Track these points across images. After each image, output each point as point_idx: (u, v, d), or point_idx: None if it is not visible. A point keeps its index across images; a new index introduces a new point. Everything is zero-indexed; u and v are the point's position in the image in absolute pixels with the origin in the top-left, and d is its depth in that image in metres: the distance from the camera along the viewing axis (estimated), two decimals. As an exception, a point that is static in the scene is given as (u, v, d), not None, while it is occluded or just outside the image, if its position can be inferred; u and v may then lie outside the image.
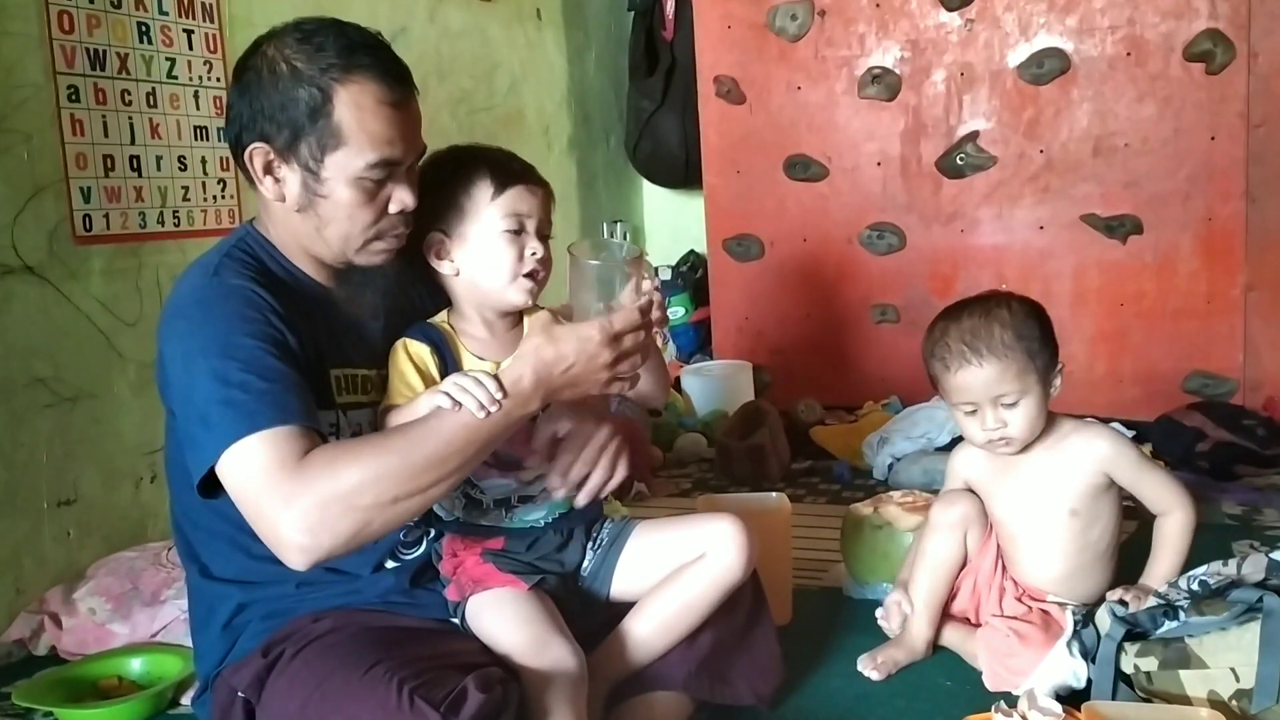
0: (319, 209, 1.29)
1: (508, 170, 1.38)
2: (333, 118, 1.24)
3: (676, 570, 1.41)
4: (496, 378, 1.22)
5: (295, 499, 1.12)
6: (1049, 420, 1.62)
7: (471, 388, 1.19)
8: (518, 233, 1.36)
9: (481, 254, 1.36)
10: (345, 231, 1.30)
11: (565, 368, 1.24)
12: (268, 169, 1.28)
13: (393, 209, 1.31)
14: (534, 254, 1.36)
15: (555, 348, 1.24)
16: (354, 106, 1.24)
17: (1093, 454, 1.60)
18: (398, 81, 1.28)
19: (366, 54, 1.26)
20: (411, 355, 1.35)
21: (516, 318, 1.43)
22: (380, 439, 1.21)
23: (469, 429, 1.19)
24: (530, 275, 1.36)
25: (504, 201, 1.35)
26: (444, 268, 1.39)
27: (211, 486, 1.19)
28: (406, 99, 1.29)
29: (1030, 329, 1.58)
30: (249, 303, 1.23)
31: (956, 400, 1.61)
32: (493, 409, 1.19)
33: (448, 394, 1.20)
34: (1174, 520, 1.60)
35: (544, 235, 1.39)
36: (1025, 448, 1.62)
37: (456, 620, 1.39)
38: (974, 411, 1.59)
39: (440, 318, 1.42)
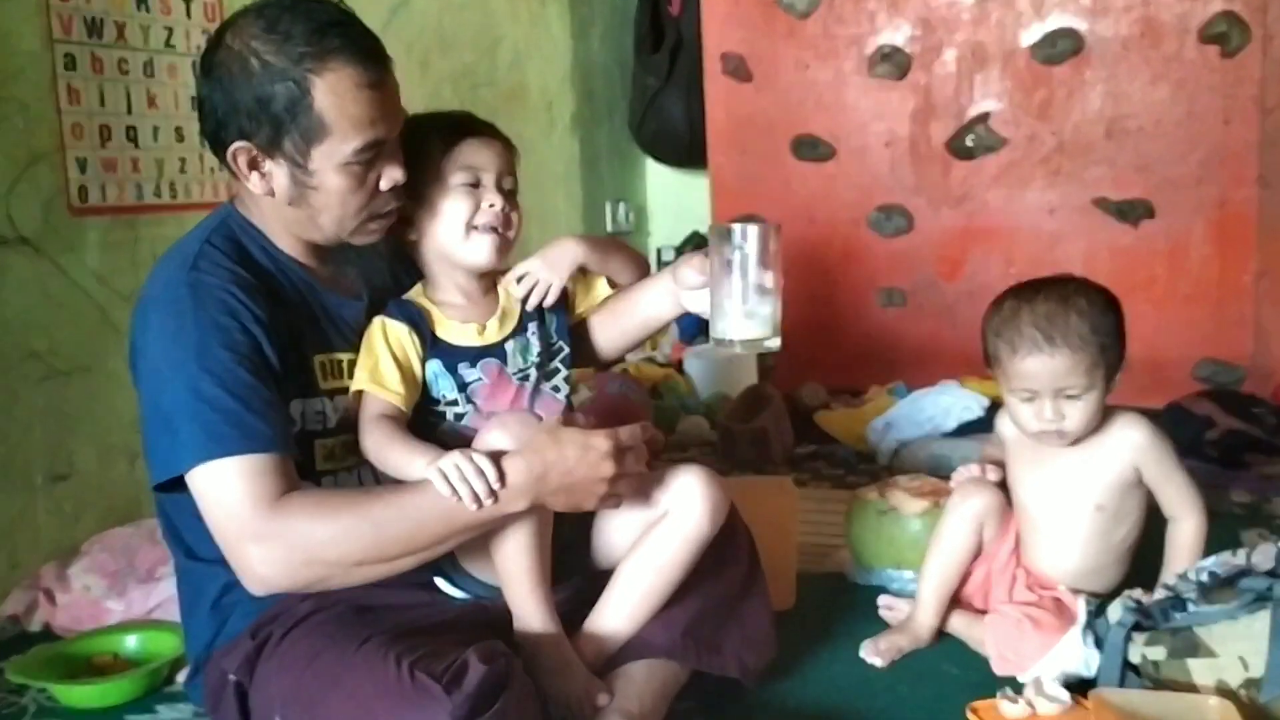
0: (311, 200, 1.28)
1: (455, 126, 1.37)
2: (313, 110, 1.22)
3: (644, 532, 1.38)
4: (499, 465, 1.20)
5: (264, 540, 1.16)
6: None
7: (471, 477, 1.18)
8: (474, 186, 1.35)
9: (437, 212, 1.35)
10: (339, 216, 1.29)
11: (564, 470, 1.23)
12: (253, 165, 1.26)
13: (384, 186, 1.29)
14: (491, 205, 1.35)
15: (558, 450, 1.24)
16: (333, 94, 1.22)
17: (1127, 443, 1.56)
18: (373, 60, 1.25)
19: (336, 35, 1.23)
20: (390, 340, 1.33)
21: (490, 282, 1.42)
22: (362, 501, 1.22)
23: (450, 515, 1.20)
24: (491, 230, 1.35)
25: (454, 156, 1.34)
26: (409, 234, 1.39)
27: (168, 483, 1.21)
28: (384, 77, 1.27)
29: (1107, 323, 1.53)
30: (225, 307, 1.22)
31: (1016, 385, 1.55)
32: (488, 502, 1.19)
33: (446, 478, 1.18)
34: (1186, 528, 1.57)
35: (507, 189, 1.37)
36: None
37: (441, 577, 1.37)
38: (1031, 399, 1.54)
39: (416, 292, 1.41)
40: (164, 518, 1.38)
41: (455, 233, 1.35)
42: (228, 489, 1.16)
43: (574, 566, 1.43)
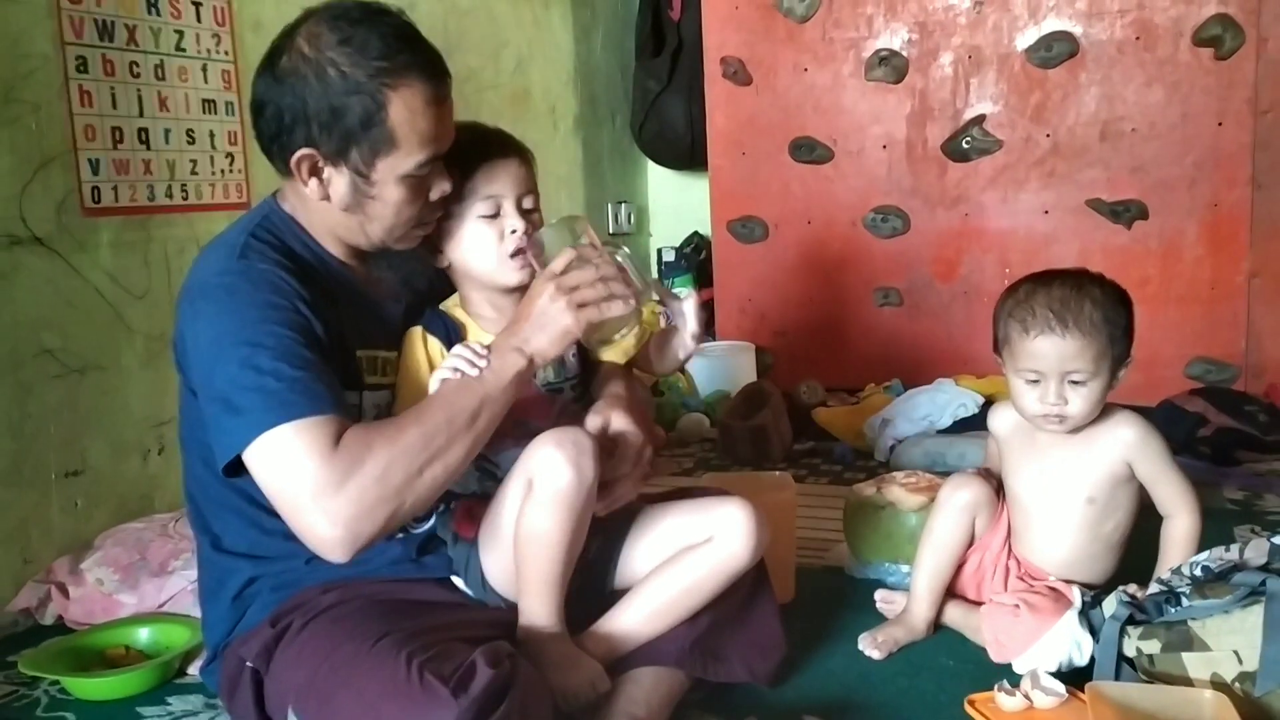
0: (367, 208, 1.30)
1: (471, 152, 1.36)
2: (387, 124, 1.24)
3: (681, 551, 1.41)
4: (479, 344, 1.29)
5: (331, 491, 1.13)
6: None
7: (461, 351, 1.27)
8: (494, 216, 1.37)
9: (464, 243, 1.38)
10: (390, 225, 1.32)
11: (520, 314, 1.30)
12: (313, 171, 1.28)
13: (434, 197, 1.32)
14: (514, 232, 1.37)
15: (514, 309, 1.34)
16: (406, 110, 1.24)
17: (1119, 440, 1.58)
18: (440, 76, 1.28)
19: (408, 51, 1.25)
20: (430, 354, 1.37)
21: (522, 293, 1.44)
22: (394, 419, 1.24)
23: (468, 389, 1.24)
24: (517, 253, 1.37)
25: (474, 185, 1.36)
26: (439, 261, 1.41)
27: (236, 468, 1.20)
28: (448, 92, 1.29)
29: (1118, 315, 1.55)
30: (277, 290, 1.23)
31: (1024, 366, 1.56)
32: (483, 364, 1.25)
33: (449, 368, 1.26)
34: (1180, 525, 1.59)
35: (527, 209, 1.39)
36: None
37: (458, 576, 1.40)
38: (1037, 381, 1.56)
39: (451, 303, 1.44)
40: (192, 506, 1.39)
41: (483, 261, 1.38)
42: (287, 454, 1.14)
43: (594, 585, 1.45)
